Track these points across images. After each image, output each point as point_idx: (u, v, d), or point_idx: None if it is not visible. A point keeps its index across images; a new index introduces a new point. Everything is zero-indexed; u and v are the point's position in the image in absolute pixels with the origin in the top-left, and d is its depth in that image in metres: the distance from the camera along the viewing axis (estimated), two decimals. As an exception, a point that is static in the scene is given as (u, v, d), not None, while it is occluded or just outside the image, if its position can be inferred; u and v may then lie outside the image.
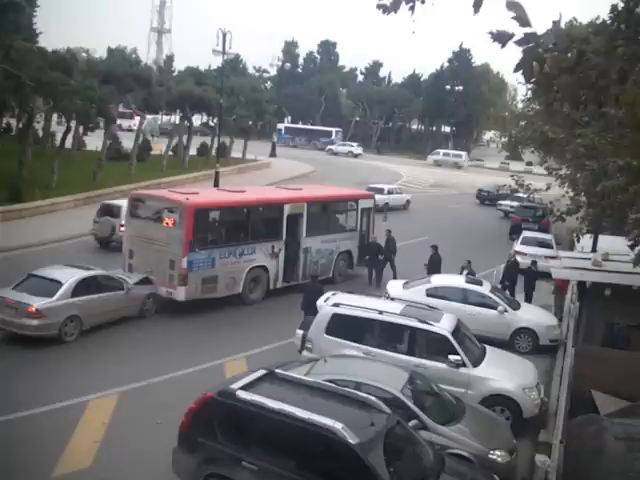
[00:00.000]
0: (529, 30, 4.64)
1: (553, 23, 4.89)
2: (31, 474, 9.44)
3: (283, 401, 8.25)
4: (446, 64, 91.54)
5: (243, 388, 8.63)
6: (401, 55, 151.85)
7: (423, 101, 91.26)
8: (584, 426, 10.78)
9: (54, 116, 43.26)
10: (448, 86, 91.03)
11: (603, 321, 15.40)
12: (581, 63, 5.10)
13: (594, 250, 20.20)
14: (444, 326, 12.47)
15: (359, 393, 8.99)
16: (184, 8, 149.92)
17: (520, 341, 16.14)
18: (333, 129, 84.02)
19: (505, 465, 9.77)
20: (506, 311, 16.21)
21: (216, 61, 55.66)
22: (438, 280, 17.29)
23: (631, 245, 11.34)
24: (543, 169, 27.23)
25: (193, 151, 47.57)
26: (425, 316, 12.76)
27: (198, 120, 58.68)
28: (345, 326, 12.73)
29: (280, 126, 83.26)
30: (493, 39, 4.72)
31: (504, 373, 12.33)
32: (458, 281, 17.39)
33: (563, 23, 5.13)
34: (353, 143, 78.70)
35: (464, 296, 16.54)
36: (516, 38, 4.73)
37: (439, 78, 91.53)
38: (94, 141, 40.84)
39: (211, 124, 49.93)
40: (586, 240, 21.03)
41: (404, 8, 5.08)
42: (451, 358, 11.92)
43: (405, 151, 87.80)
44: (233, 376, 10.37)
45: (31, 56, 27.02)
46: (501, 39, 4.73)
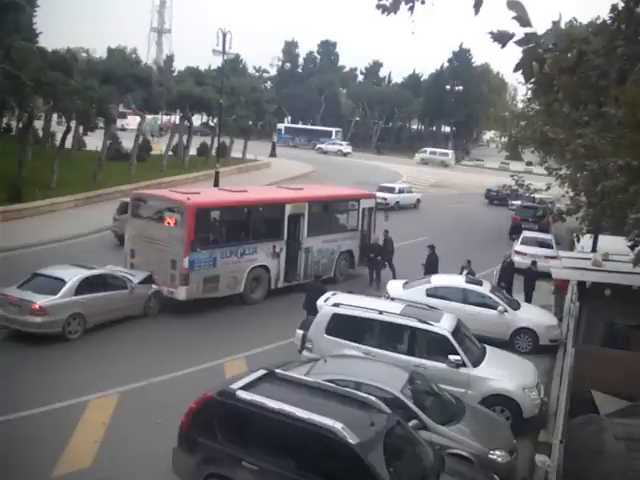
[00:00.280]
0: (529, 30, 4.63)
1: (553, 23, 4.89)
2: (31, 474, 9.44)
3: (283, 401, 8.24)
4: (446, 64, 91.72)
5: (243, 388, 8.62)
6: (401, 55, 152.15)
7: (423, 101, 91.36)
8: (584, 426, 10.78)
9: (54, 116, 43.23)
10: (448, 86, 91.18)
11: (603, 321, 15.39)
12: (581, 63, 5.10)
13: (594, 250, 20.18)
14: (444, 326, 12.47)
15: (359, 393, 8.98)
16: (184, 8, 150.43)
17: (520, 341, 16.15)
18: (333, 129, 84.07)
19: (505, 465, 9.77)
20: (506, 311, 16.22)
21: (216, 61, 55.72)
22: (438, 280, 17.28)
23: (631, 245, 11.34)
24: (543, 169, 27.21)
25: (193, 151, 47.56)
26: (425, 316, 12.76)
27: (198, 120, 58.63)
28: (345, 326, 12.72)
29: (280, 126, 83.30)
30: (493, 39, 4.72)
31: (504, 373, 12.33)
32: (458, 281, 17.39)
33: (563, 23, 5.13)
34: (342, 142, 78.27)
35: (464, 296, 16.55)
36: (516, 38, 4.73)
37: (439, 78, 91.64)
38: (94, 141, 40.84)
39: (211, 124, 49.91)
40: (586, 240, 21.03)
41: (404, 8, 5.07)
42: (451, 358, 11.92)
43: (405, 151, 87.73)
44: (233, 376, 10.36)
45: (31, 56, 27.02)
46: (501, 39, 4.73)
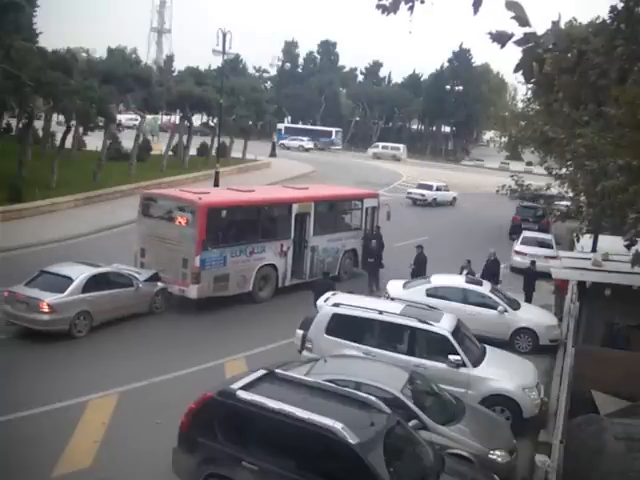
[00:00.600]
0: (528, 30, 4.62)
1: (552, 23, 4.87)
2: (31, 474, 9.44)
3: (283, 401, 8.24)
4: (446, 64, 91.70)
5: (243, 388, 8.62)
6: (401, 55, 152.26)
7: (423, 101, 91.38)
8: (584, 426, 10.78)
9: (54, 116, 43.23)
10: (448, 86, 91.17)
11: (603, 321, 15.38)
12: (581, 63, 5.09)
13: (594, 250, 20.15)
14: (444, 326, 12.46)
15: (359, 393, 8.98)
16: (184, 8, 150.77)
17: (520, 341, 16.15)
18: (333, 129, 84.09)
19: (505, 465, 9.77)
20: (506, 311, 16.23)
21: (216, 61, 55.79)
22: (438, 280, 17.28)
23: (627, 245, 11.33)
24: (543, 169, 27.17)
25: (193, 151, 47.55)
26: (425, 316, 12.76)
27: (198, 120, 58.60)
28: (345, 326, 12.73)
29: (280, 126, 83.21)
30: (492, 39, 4.71)
31: (504, 373, 12.33)
32: (458, 281, 17.40)
33: (563, 23, 5.12)
34: (304, 138, 77.50)
35: (464, 296, 16.56)
36: (515, 38, 4.72)
37: (439, 78, 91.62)
38: (94, 141, 40.80)
39: (211, 124, 49.88)
40: (586, 240, 21.00)
41: (403, 8, 5.06)
42: (451, 358, 11.92)
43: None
44: (233, 376, 10.36)
45: (31, 56, 27.01)
46: (500, 39, 4.71)
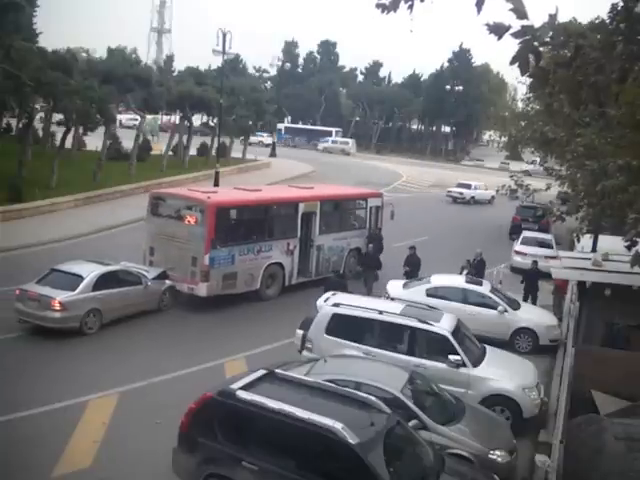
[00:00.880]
0: (526, 23, 4.62)
1: (549, 16, 4.86)
2: (31, 474, 9.44)
3: (283, 401, 8.24)
4: (446, 64, 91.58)
5: (243, 388, 8.62)
6: (401, 55, 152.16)
7: (423, 101, 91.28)
8: (584, 426, 10.77)
9: (54, 116, 43.14)
10: (448, 86, 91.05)
11: (603, 321, 15.38)
12: (578, 57, 5.08)
13: (594, 250, 20.15)
14: (444, 326, 12.46)
15: (359, 393, 8.98)
16: (184, 8, 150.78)
17: (520, 341, 16.15)
18: (333, 129, 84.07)
19: (505, 465, 9.77)
20: (506, 311, 16.23)
21: (216, 61, 55.71)
22: (438, 280, 17.28)
23: (628, 246, 11.31)
24: (540, 168, 27.18)
25: (193, 151, 47.53)
26: (425, 316, 12.76)
27: (198, 120, 58.55)
28: (345, 326, 12.72)
29: (280, 126, 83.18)
30: (489, 31, 4.70)
31: (504, 373, 12.33)
32: (458, 281, 17.40)
33: (562, 22, 5.11)
34: (264, 133, 75.36)
35: (464, 296, 16.57)
36: (512, 30, 4.71)
37: (439, 78, 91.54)
38: (94, 141, 40.78)
39: (211, 124, 49.85)
40: (586, 240, 21.00)
41: (403, 7, 5.05)
42: (451, 358, 11.92)
43: (405, 151, 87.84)
44: (233, 376, 10.35)
45: (31, 56, 27.01)
46: (497, 31, 4.70)
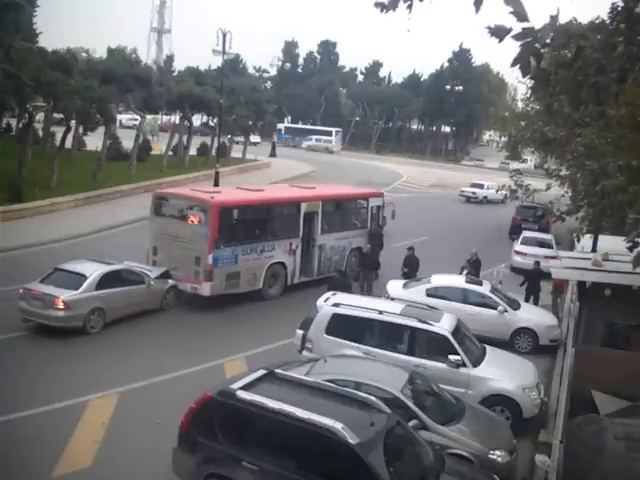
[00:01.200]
0: (527, 25, 4.62)
1: (551, 18, 4.86)
2: (31, 474, 9.44)
3: (283, 401, 8.24)
4: (446, 64, 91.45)
5: (243, 388, 8.62)
6: (401, 55, 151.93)
7: (423, 101, 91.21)
8: (584, 426, 10.77)
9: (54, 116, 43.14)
10: (448, 86, 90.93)
11: (603, 321, 15.38)
12: (579, 58, 5.08)
13: (594, 250, 20.15)
14: (444, 326, 12.46)
15: (359, 393, 8.98)
16: (184, 8, 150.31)
17: (520, 341, 16.16)
18: (333, 129, 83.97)
19: (505, 465, 9.77)
20: (506, 311, 16.23)
21: (216, 61, 55.66)
22: (438, 280, 17.29)
23: (630, 247, 11.31)
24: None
25: (193, 151, 47.53)
26: (425, 316, 12.76)
27: (198, 120, 58.53)
28: (345, 326, 12.72)
29: (280, 126, 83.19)
30: (491, 34, 4.70)
31: (504, 373, 12.33)
32: (458, 281, 17.40)
33: (563, 23, 5.11)
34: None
35: (464, 296, 16.57)
36: (514, 33, 4.71)
37: (439, 78, 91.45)
38: (94, 141, 40.79)
39: (211, 124, 49.84)
40: (586, 240, 21.00)
41: (402, 6, 5.04)
42: (451, 358, 11.92)
43: (405, 151, 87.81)
44: (233, 376, 10.35)
45: (31, 56, 27.02)
46: (498, 34, 4.71)
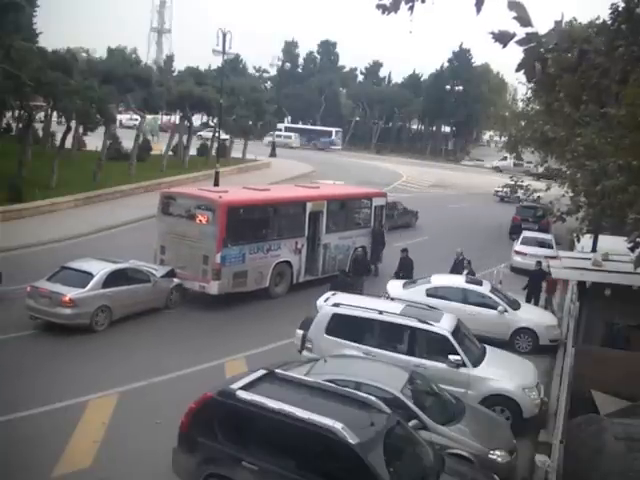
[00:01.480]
0: (530, 30, 4.61)
1: (555, 23, 4.86)
2: (31, 474, 9.44)
3: (283, 401, 8.25)
4: (446, 64, 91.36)
5: (243, 388, 8.63)
6: (401, 55, 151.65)
7: (423, 101, 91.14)
8: (584, 426, 10.77)
9: (54, 116, 43.19)
10: (448, 86, 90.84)
11: (603, 321, 15.38)
12: (583, 63, 5.08)
13: (594, 250, 20.16)
14: (444, 326, 12.47)
15: (359, 393, 8.98)
16: (184, 8, 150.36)
17: (520, 341, 16.17)
18: (333, 129, 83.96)
19: (505, 465, 9.78)
20: (506, 311, 16.24)
21: (216, 61, 55.55)
22: (438, 280, 17.30)
23: (631, 247, 11.30)
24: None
25: (193, 151, 47.51)
26: (425, 316, 12.76)
27: (198, 120, 58.49)
28: (345, 326, 12.73)
29: (280, 126, 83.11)
30: (495, 39, 4.70)
31: (504, 373, 12.34)
32: (458, 281, 17.41)
33: (563, 23, 5.10)
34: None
35: (464, 296, 16.58)
36: (517, 38, 4.71)
37: (439, 78, 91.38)
38: (94, 141, 40.77)
39: (211, 124, 49.83)
40: (586, 240, 21.00)
41: (404, 8, 5.04)
42: (451, 358, 11.93)
43: (405, 151, 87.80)
44: (233, 376, 10.36)
45: (31, 56, 27.02)
46: (502, 39, 4.71)
